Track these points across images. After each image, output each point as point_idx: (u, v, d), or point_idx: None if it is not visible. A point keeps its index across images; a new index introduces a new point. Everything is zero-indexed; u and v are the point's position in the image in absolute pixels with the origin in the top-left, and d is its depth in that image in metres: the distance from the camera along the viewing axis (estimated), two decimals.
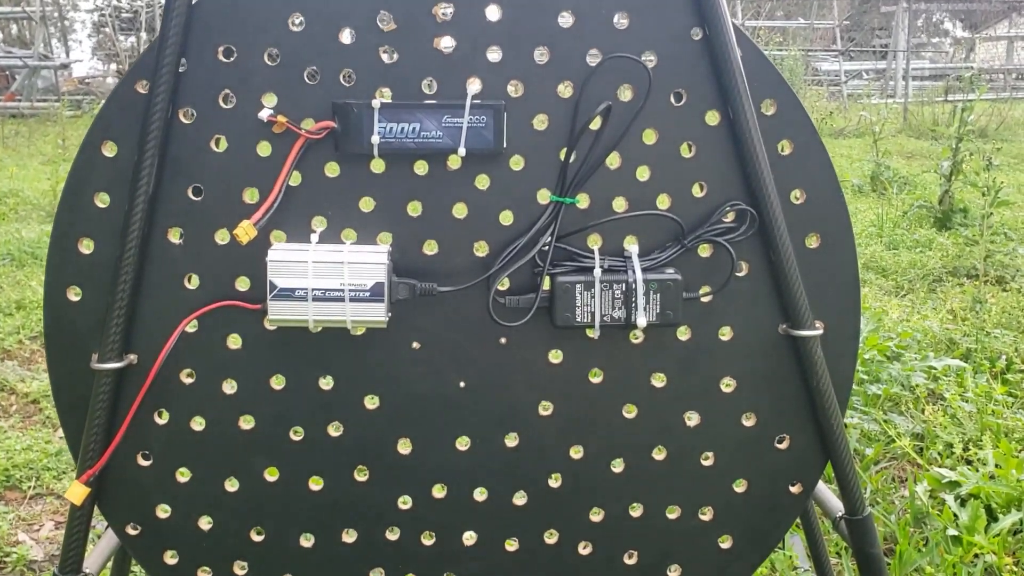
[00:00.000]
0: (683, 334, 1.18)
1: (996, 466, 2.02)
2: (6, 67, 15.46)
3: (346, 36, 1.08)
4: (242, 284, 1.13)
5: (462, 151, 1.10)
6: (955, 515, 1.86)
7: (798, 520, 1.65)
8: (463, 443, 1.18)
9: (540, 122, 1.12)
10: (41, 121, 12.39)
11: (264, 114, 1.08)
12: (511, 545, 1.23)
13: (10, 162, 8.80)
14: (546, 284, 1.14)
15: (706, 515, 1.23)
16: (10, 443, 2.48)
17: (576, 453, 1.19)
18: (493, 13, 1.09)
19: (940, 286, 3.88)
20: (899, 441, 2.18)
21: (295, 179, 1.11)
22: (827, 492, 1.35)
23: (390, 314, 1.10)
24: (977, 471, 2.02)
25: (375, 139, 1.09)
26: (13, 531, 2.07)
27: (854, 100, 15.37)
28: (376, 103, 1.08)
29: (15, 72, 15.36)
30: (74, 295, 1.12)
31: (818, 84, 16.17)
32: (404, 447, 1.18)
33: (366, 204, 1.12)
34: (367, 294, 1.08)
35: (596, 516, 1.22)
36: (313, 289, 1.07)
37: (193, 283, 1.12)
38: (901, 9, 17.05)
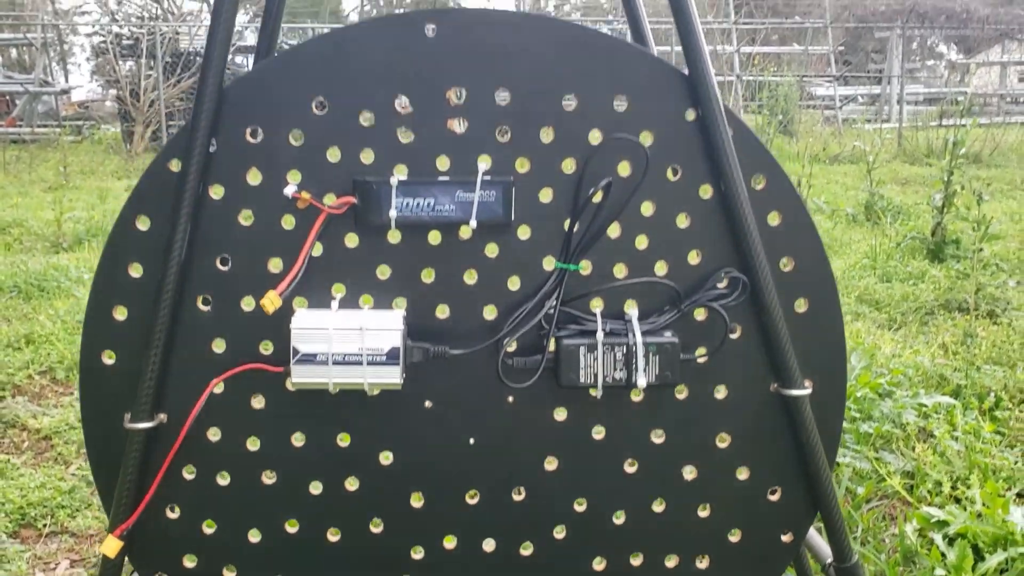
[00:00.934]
0: (681, 392, 1.25)
1: (984, 505, 2.09)
2: (6, 92, 15.59)
3: (366, 118, 1.16)
4: (265, 347, 1.20)
5: (473, 223, 1.17)
6: (943, 554, 1.92)
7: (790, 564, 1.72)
8: (472, 496, 1.25)
9: (546, 195, 1.20)
10: (42, 147, 12.47)
11: (289, 191, 1.15)
12: None
13: (12, 189, 8.88)
14: (552, 345, 1.21)
15: (703, 563, 1.30)
16: (24, 481, 2.54)
17: (580, 506, 1.26)
18: (503, 97, 1.17)
19: (932, 319, 3.96)
20: (890, 480, 2.25)
21: (316, 249, 1.18)
22: (818, 539, 1.42)
23: (405, 376, 1.17)
24: (965, 510, 2.08)
25: (393, 213, 1.16)
26: (30, 570, 2.13)
27: (849, 125, 15.51)
28: (394, 180, 1.16)
29: (16, 97, 15.49)
30: (108, 358, 1.19)
31: (813, 107, 16.35)
32: (417, 500, 1.25)
33: (383, 272, 1.20)
34: (383, 358, 1.15)
35: (599, 565, 1.29)
36: (333, 354, 1.14)
37: (220, 347, 1.20)
38: (895, 35, 17.25)
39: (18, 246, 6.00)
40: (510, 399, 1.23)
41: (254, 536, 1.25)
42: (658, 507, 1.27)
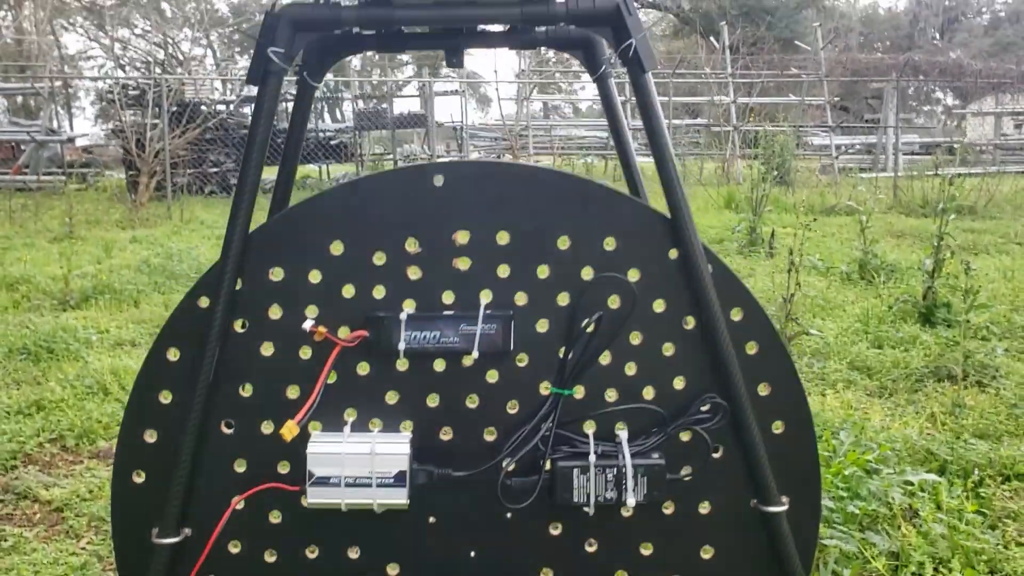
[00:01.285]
0: (667, 508, 1.34)
1: None
2: (12, 140, 15.81)
3: (379, 258, 1.28)
4: (283, 467, 1.30)
5: (476, 354, 1.28)
6: None
7: None
8: None
9: (542, 326, 1.31)
10: (47, 195, 12.62)
11: (307, 325, 1.26)
12: None
13: (18, 240, 9.00)
14: (547, 465, 1.31)
15: None
16: (37, 556, 2.61)
17: None
18: (503, 238, 1.29)
19: (922, 387, 4.05)
20: (875, 562, 2.33)
21: (331, 377, 1.29)
22: None
23: (411, 496, 1.27)
24: None
25: (402, 345, 1.27)
26: None
27: (846, 174, 15.71)
28: (403, 315, 1.27)
29: (21, 144, 15.70)
30: (139, 478, 1.29)
31: (809, 156, 16.60)
32: None
33: (391, 397, 1.30)
34: (391, 480, 1.25)
35: None
36: (345, 477, 1.24)
37: (241, 466, 1.30)
38: (890, 87, 17.54)
39: (26, 303, 6.10)
40: (508, 516, 1.32)
41: None
42: None
